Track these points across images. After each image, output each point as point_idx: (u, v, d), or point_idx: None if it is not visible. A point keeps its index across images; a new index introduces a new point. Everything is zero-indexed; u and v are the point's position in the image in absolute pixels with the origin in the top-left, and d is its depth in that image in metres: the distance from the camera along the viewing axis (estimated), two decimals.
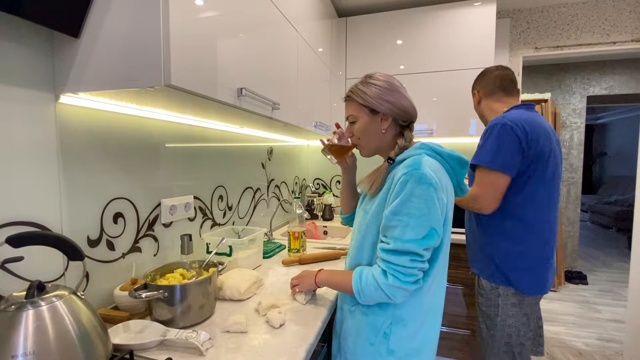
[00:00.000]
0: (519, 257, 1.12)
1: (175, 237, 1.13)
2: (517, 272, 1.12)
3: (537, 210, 1.11)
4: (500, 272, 1.15)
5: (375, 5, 2.10)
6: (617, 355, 2.12)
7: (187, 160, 1.19)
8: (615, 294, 3.09)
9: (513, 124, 1.08)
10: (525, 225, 1.12)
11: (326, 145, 0.96)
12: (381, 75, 0.86)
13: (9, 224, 0.67)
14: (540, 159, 1.09)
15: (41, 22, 0.63)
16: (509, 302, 1.14)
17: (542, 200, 1.12)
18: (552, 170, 1.12)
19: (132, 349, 0.67)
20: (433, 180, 0.72)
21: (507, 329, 1.15)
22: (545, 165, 1.10)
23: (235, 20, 0.90)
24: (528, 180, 1.10)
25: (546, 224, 1.12)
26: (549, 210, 1.13)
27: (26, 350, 0.49)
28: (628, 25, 2.13)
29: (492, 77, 1.29)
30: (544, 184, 1.11)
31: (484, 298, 1.20)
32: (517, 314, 1.14)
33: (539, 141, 1.08)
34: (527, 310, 1.14)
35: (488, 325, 1.20)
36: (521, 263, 1.12)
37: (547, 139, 1.11)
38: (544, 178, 1.10)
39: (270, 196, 1.90)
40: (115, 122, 0.90)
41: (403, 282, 0.71)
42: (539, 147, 1.08)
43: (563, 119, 3.69)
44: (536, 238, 1.12)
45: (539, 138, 1.09)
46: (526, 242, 1.12)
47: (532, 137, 1.07)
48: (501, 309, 1.15)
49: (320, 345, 0.94)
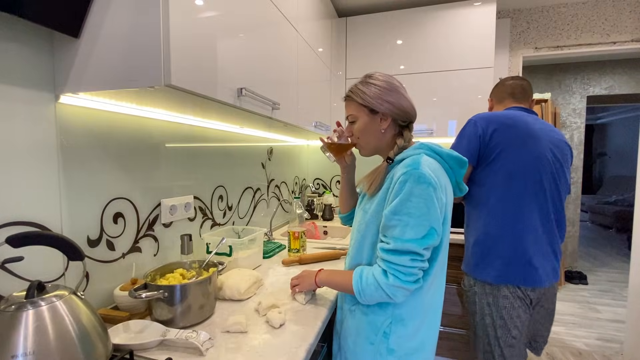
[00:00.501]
0: (484, 246, 1.16)
1: (175, 237, 1.13)
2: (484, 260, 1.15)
3: (499, 199, 1.14)
4: (472, 264, 1.19)
5: (375, 5, 2.10)
6: (617, 355, 2.12)
7: (187, 160, 1.19)
8: (615, 294, 3.09)
9: (477, 118, 1.19)
10: (488, 213, 1.15)
11: (325, 143, 0.96)
12: (381, 75, 0.86)
13: (9, 224, 0.67)
14: (492, 149, 1.14)
15: (41, 22, 0.63)
16: (484, 301, 1.16)
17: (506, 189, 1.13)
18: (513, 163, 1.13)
19: (132, 349, 0.67)
20: (432, 180, 0.72)
21: (487, 329, 1.16)
22: (496, 156, 1.14)
23: (235, 20, 0.90)
24: (487, 169, 1.15)
25: (512, 212, 1.12)
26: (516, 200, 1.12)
27: (26, 350, 0.49)
28: (628, 25, 2.13)
29: (505, 85, 1.36)
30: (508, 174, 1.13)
31: (465, 295, 1.25)
32: (492, 314, 1.14)
33: (495, 132, 1.14)
34: (503, 314, 1.12)
35: (471, 323, 1.23)
36: (488, 251, 1.15)
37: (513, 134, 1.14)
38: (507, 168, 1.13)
39: (270, 196, 1.90)
40: (115, 122, 0.90)
41: (403, 282, 0.71)
42: (494, 137, 1.14)
43: (563, 119, 3.69)
44: (499, 226, 1.13)
45: (497, 129, 1.14)
46: (485, 228, 1.16)
47: (490, 127, 1.15)
48: (478, 306, 1.18)
49: (320, 345, 0.94)
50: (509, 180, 1.13)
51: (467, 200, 1.24)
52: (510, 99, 1.32)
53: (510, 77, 1.38)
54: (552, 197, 1.16)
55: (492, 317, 1.14)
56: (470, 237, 1.23)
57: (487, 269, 1.15)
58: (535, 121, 1.19)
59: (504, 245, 1.12)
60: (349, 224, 1.10)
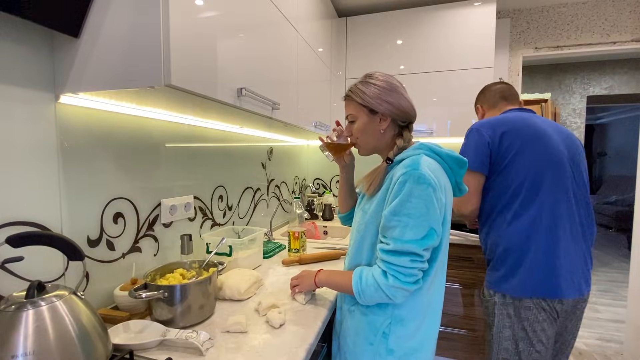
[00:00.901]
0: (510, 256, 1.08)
1: (175, 237, 1.13)
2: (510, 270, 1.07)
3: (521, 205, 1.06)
4: (495, 275, 1.12)
5: (375, 5, 2.10)
6: (617, 355, 2.12)
7: (187, 160, 1.19)
8: (615, 294, 3.10)
9: (479, 126, 1.15)
10: (511, 221, 1.08)
11: (324, 142, 0.96)
12: (381, 75, 0.86)
13: (9, 224, 0.67)
14: (504, 156, 1.09)
15: (41, 22, 0.63)
16: (504, 312, 1.08)
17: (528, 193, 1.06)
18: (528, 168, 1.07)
19: (132, 349, 0.67)
20: (432, 181, 0.72)
21: (505, 342, 1.09)
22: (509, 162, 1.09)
23: (235, 20, 0.90)
24: (502, 175, 1.10)
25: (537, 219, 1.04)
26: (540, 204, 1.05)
27: (26, 350, 0.49)
28: (628, 25, 2.13)
29: (493, 91, 1.33)
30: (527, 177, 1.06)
31: (483, 306, 1.19)
32: (513, 326, 1.07)
33: (503, 137, 1.10)
34: (525, 325, 1.05)
35: (488, 336, 1.16)
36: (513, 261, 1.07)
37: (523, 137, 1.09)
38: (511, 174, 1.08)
39: (270, 196, 1.90)
40: (115, 122, 0.90)
41: (403, 283, 0.71)
42: (503, 143, 1.10)
43: (563, 119, 3.69)
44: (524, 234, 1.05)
45: (504, 134, 1.10)
46: (507, 237, 1.08)
47: (497, 133, 1.11)
48: (497, 318, 1.10)
49: (320, 345, 0.94)
50: (530, 184, 1.06)
51: (485, 209, 1.16)
52: (504, 102, 1.29)
53: (493, 83, 1.37)
54: (576, 195, 1.08)
55: (513, 329, 1.07)
56: (491, 247, 1.15)
57: (511, 280, 1.06)
58: (541, 120, 1.14)
59: (531, 254, 1.04)
60: (348, 223, 1.09)
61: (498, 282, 1.11)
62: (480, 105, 1.39)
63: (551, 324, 1.05)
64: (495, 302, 1.10)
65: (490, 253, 1.17)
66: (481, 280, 1.71)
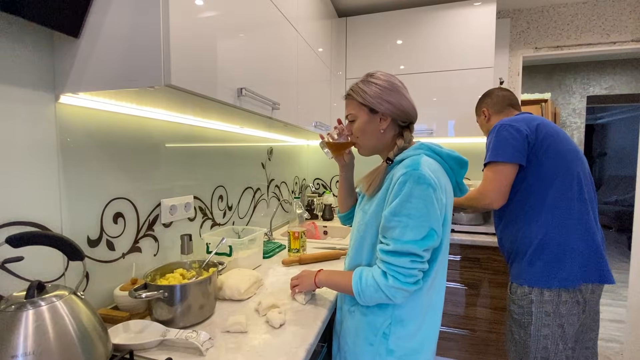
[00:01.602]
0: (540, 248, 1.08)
1: (175, 237, 1.13)
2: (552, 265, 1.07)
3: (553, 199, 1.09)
4: (534, 271, 1.10)
5: (375, 5, 2.10)
6: (617, 355, 2.12)
7: (187, 160, 1.19)
8: (615, 294, 3.09)
9: (511, 122, 1.16)
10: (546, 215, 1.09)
11: (324, 141, 0.96)
12: (382, 74, 0.85)
13: (9, 224, 0.67)
14: (540, 149, 1.12)
15: (41, 22, 0.63)
16: (542, 310, 1.07)
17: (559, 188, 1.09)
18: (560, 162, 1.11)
19: (132, 349, 0.67)
20: (432, 181, 0.72)
21: (543, 340, 1.08)
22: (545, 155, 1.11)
23: (235, 20, 0.90)
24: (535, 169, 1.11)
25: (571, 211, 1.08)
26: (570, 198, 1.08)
27: (26, 350, 0.49)
28: (628, 25, 2.13)
29: (500, 97, 1.36)
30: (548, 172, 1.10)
31: (515, 304, 1.15)
32: (552, 324, 1.06)
33: (538, 131, 1.13)
34: (562, 321, 1.05)
35: (521, 335, 1.12)
36: (555, 255, 1.07)
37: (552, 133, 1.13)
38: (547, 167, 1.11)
39: (270, 196, 1.90)
40: (115, 122, 0.90)
41: (403, 283, 0.71)
42: (539, 137, 1.12)
43: (563, 119, 3.69)
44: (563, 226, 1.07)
45: (539, 129, 1.13)
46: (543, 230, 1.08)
47: (532, 128, 1.13)
48: (535, 315, 1.08)
49: (320, 345, 0.94)
50: (560, 179, 1.09)
51: (515, 206, 1.16)
52: (511, 109, 1.34)
53: (497, 89, 1.40)
54: (589, 191, 1.14)
55: (552, 327, 1.07)
56: (522, 241, 1.14)
57: (558, 274, 1.06)
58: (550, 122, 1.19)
59: (572, 244, 1.05)
60: (347, 223, 1.09)
61: (537, 277, 1.08)
62: (486, 109, 1.41)
63: (579, 318, 1.07)
64: (533, 301, 1.08)
65: (521, 248, 1.14)
66: (488, 280, 1.71)
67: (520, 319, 1.12)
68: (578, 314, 1.06)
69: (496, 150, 1.14)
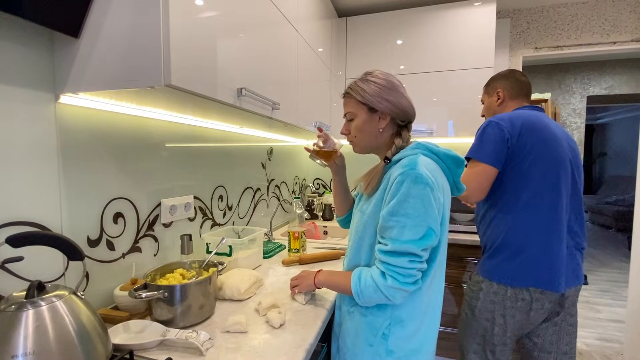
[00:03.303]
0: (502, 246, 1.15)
1: (175, 237, 1.13)
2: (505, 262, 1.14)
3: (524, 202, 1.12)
4: (490, 264, 1.18)
5: (375, 5, 2.10)
6: (617, 355, 2.12)
7: (187, 160, 1.19)
8: (615, 294, 3.09)
9: (499, 120, 1.16)
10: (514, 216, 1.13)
11: (312, 151, 0.96)
12: (381, 73, 0.85)
13: (9, 224, 0.67)
14: (519, 153, 1.12)
15: (41, 22, 0.63)
16: (488, 299, 1.16)
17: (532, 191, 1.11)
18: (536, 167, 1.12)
19: (132, 349, 0.67)
20: (429, 180, 0.72)
21: (484, 322, 1.18)
22: (523, 159, 1.12)
23: (235, 20, 0.90)
24: (513, 172, 1.14)
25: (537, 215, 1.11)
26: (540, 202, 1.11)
27: (26, 350, 0.49)
28: (628, 25, 2.13)
29: (520, 83, 1.31)
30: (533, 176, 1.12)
31: (469, 288, 1.26)
32: (495, 311, 1.15)
33: (521, 135, 1.13)
34: (505, 312, 1.13)
35: (468, 315, 1.24)
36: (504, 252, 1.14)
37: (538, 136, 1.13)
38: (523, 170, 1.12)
39: (270, 196, 1.90)
40: (115, 122, 0.90)
41: (402, 283, 0.71)
42: (521, 140, 1.12)
43: (563, 119, 3.69)
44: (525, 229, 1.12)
45: (523, 132, 1.13)
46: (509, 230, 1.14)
47: (515, 130, 1.13)
48: (481, 301, 1.18)
49: (320, 345, 0.94)
50: (534, 183, 1.11)
51: (490, 203, 1.21)
52: (524, 98, 1.31)
53: (517, 72, 1.34)
54: (572, 197, 1.16)
55: (494, 314, 1.15)
56: (491, 237, 1.20)
57: (508, 272, 1.13)
58: (550, 121, 1.19)
59: (530, 249, 1.10)
60: (347, 226, 1.09)
61: (491, 271, 1.17)
62: (502, 90, 1.34)
63: (522, 313, 1.13)
64: (482, 289, 1.18)
65: (488, 242, 1.22)
66: None
67: (470, 301, 1.23)
68: (522, 310, 1.12)
69: (480, 149, 1.17)
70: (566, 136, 1.21)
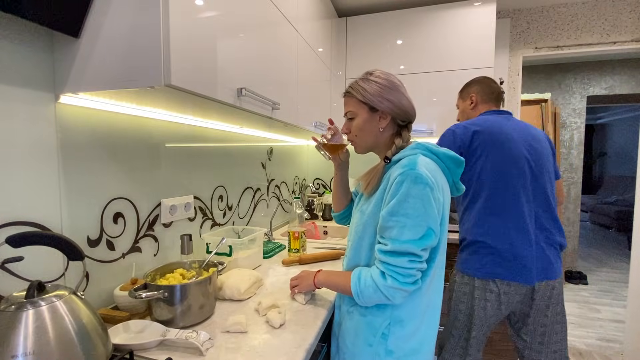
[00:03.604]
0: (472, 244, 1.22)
1: (175, 237, 1.13)
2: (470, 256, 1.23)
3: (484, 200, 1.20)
4: (460, 259, 1.28)
5: (375, 5, 2.10)
6: (617, 355, 2.12)
7: (187, 160, 1.19)
8: (615, 294, 3.09)
9: (455, 127, 1.26)
10: (475, 214, 1.22)
11: (319, 142, 0.96)
12: (382, 72, 0.85)
13: (9, 224, 0.67)
14: (471, 157, 1.22)
15: (41, 22, 0.63)
16: (461, 290, 1.25)
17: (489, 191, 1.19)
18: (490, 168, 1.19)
19: (132, 349, 0.67)
20: (429, 180, 0.72)
21: (457, 313, 1.25)
22: (475, 162, 1.21)
23: (235, 20, 0.90)
24: (468, 173, 1.23)
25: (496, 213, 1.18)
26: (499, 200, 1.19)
27: (26, 350, 0.49)
28: (628, 25, 2.13)
29: (492, 88, 1.40)
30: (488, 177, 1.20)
31: (449, 282, 1.34)
32: (467, 302, 1.22)
33: (472, 140, 1.22)
34: (474, 303, 1.20)
35: (447, 306, 1.31)
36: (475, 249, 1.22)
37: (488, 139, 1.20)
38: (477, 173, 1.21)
39: (270, 196, 1.90)
40: (115, 122, 0.90)
41: (402, 283, 0.71)
42: (472, 145, 1.22)
43: (563, 119, 3.69)
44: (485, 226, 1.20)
45: (474, 137, 1.21)
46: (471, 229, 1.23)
47: (467, 136, 1.22)
48: (455, 292, 1.27)
49: (320, 345, 0.94)
50: (491, 183, 1.19)
51: (461, 202, 1.31)
52: (493, 103, 1.38)
53: (488, 78, 1.43)
54: (535, 192, 1.20)
55: (465, 304, 1.23)
56: (461, 235, 1.31)
57: (473, 265, 1.21)
58: (508, 122, 1.26)
59: (494, 243, 1.17)
60: (342, 222, 1.10)
61: (461, 264, 1.26)
62: (475, 95, 1.42)
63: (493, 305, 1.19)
64: (456, 281, 1.27)
65: (460, 237, 1.32)
66: None
67: (450, 294, 1.32)
68: (493, 303, 1.18)
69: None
70: (525, 133, 1.24)
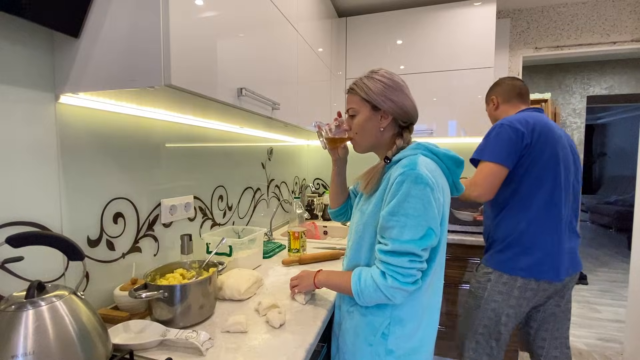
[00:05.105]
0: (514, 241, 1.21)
1: (175, 237, 1.13)
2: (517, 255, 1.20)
3: (533, 199, 1.19)
4: (501, 258, 1.23)
5: (375, 5, 2.10)
6: (617, 355, 2.12)
7: (187, 160, 1.19)
8: (615, 294, 3.09)
9: (511, 122, 1.21)
10: (524, 212, 1.20)
11: (322, 129, 0.95)
12: (386, 72, 0.85)
13: (9, 224, 0.67)
14: (533, 153, 1.18)
15: (41, 22, 0.63)
16: (496, 289, 1.22)
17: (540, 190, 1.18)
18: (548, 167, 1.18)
19: (132, 349, 0.67)
20: (429, 180, 0.72)
21: (489, 312, 1.24)
22: (537, 160, 1.18)
23: (235, 20, 0.90)
24: (523, 171, 1.20)
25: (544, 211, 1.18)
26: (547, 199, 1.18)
27: (26, 350, 0.49)
28: (628, 25, 2.13)
29: (510, 86, 1.39)
30: (538, 177, 1.18)
31: (475, 280, 1.32)
32: (502, 301, 1.21)
33: (539, 135, 1.18)
34: (511, 302, 1.20)
35: (472, 304, 1.30)
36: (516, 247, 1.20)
37: (548, 138, 1.19)
38: (537, 171, 1.18)
39: (270, 196, 1.90)
40: (115, 122, 0.90)
41: (402, 283, 0.71)
42: (538, 141, 1.18)
43: (563, 119, 3.69)
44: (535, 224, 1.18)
45: (540, 133, 1.18)
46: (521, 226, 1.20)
47: (529, 131, 1.19)
48: (488, 291, 1.24)
49: (320, 345, 0.94)
50: (547, 184, 1.18)
51: (500, 201, 1.26)
52: (519, 100, 1.37)
53: (508, 78, 1.42)
54: (574, 193, 1.24)
55: (499, 304, 1.21)
56: (500, 235, 1.25)
57: (519, 264, 1.18)
58: (552, 123, 1.25)
59: (542, 244, 1.17)
60: (338, 219, 1.10)
61: (502, 263, 1.22)
62: (495, 97, 1.43)
63: (528, 302, 1.21)
64: (491, 279, 1.24)
65: (498, 238, 1.26)
66: None
67: (476, 292, 1.29)
68: (529, 299, 1.20)
69: (493, 150, 1.21)
70: (567, 137, 1.27)
